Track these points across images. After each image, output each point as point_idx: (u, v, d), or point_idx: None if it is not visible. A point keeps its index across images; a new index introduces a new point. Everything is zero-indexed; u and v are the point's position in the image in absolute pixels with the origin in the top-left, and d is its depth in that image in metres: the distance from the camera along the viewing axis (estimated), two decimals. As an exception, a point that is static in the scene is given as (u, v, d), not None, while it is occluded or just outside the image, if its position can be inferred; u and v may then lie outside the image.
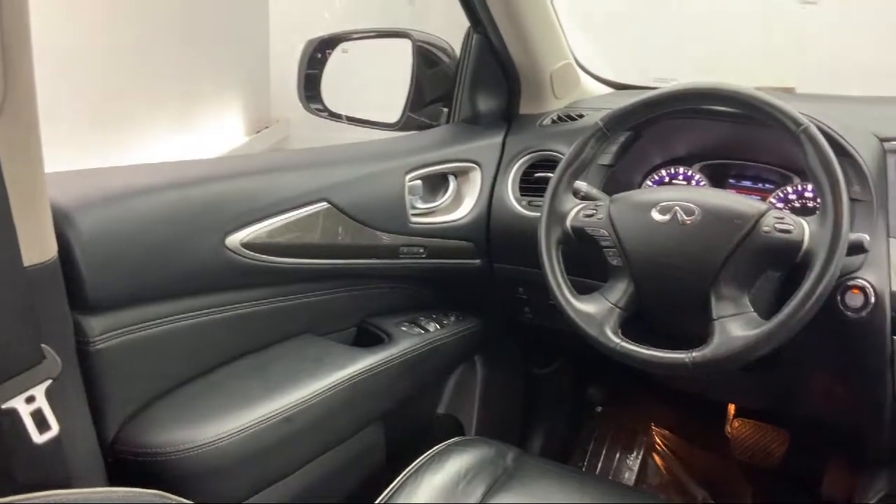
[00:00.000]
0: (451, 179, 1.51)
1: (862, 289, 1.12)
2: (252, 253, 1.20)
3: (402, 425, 1.48)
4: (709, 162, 1.47)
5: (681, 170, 1.48)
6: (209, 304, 1.18)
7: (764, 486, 1.78)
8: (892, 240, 1.15)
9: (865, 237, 1.07)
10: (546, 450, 1.87)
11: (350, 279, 1.41)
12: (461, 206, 1.51)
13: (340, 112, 1.73)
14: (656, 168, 1.51)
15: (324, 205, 1.29)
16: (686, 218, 1.12)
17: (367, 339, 1.43)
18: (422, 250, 1.45)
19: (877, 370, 1.14)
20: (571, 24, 1.67)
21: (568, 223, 1.23)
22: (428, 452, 1.22)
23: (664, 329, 1.22)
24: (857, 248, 1.07)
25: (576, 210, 1.23)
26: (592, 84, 1.75)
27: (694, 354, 1.07)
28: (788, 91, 1.69)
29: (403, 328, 1.46)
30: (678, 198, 1.15)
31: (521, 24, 1.49)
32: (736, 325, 1.06)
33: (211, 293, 1.19)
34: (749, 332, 1.04)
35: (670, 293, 1.15)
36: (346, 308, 1.44)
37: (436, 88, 1.65)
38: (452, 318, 1.56)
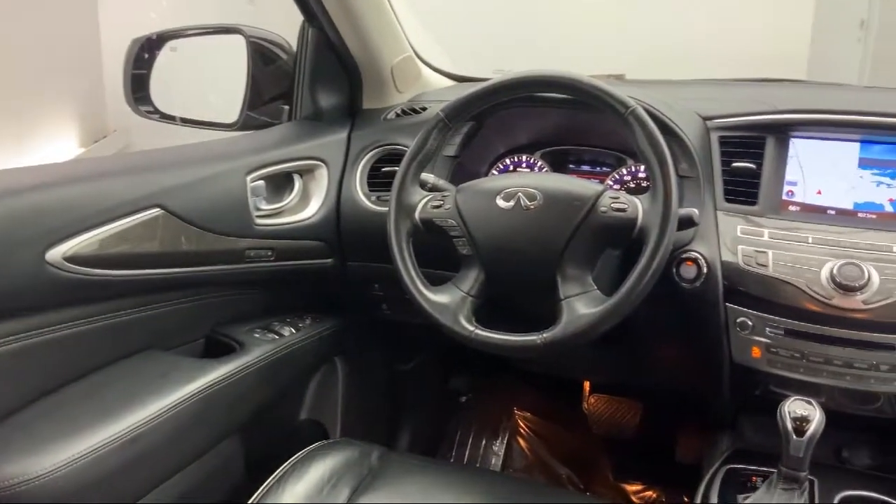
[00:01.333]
0: (297, 178, 1.47)
1: (695, 260, 1.18)
2: (78, 267, 1.11)
3: (263, 435, 1.43)
4: (550, 148, 1.52)
5: (524, 157, 1.52)
6: (33, 325, 1.09)
7: (622, 457, 1.86)
8: (719, 213, 1.22)
9: (695, 211, 1.13)
10: (414, 445, 1.87)
11: (194, 288, 1.34)
12: (308, 205, 1.47)
13: (174, 114, 1.64)
14: (501, 157, 1.54)
15: (157, 211, 1.21)
16: (529, 203, 1.14)
17: (218, 349, 1.36)
18: (270, 253, 1.40)
19: (714, 336, 1.20)
20: (411, 18, 1.66)
21: (416, 215, 1.22)
22: (290, 460, 1.18)
23: (517, 313, 1.24)
24: (687, 223, 1.13)
25: (423, 202, 1.23)
26: (435, 77, 1.76)
27: (545, 335, 1.09)
28: (619, 78, 1.76)
29: (256, 335, 1.40)
30: (520, 184, 1.17)
31: (356, 17, 1.47)
32: (581, 304, 1.10)
33: (34, 313, 1.09)
34: (594, 309, 1.08)
35: (519, 277, 1.17)
36: (192, 319, 1.37)
37: (275, 86, 1.60)
38: (308, 321, 1.52)
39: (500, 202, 1.16)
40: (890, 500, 1.09)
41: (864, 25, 8.11)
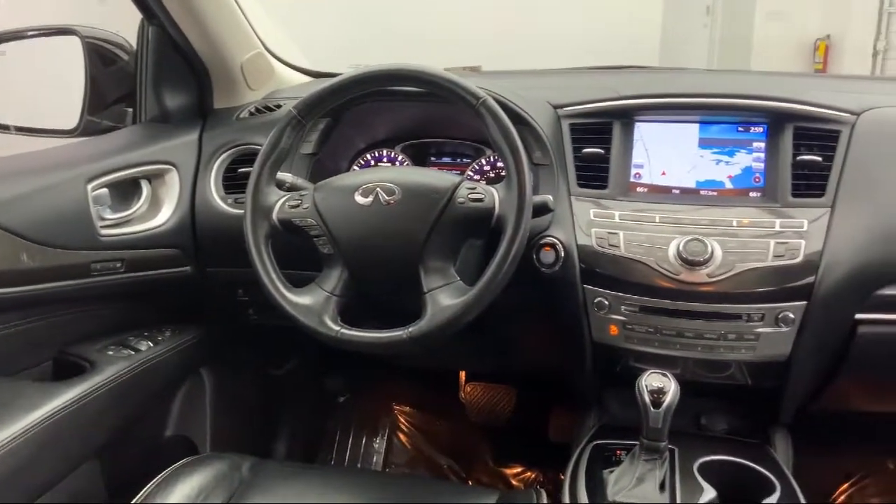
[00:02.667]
0: (144, 184, 1.39)
1: (553, 245, 1.21)
2: None
3: (126, 456, 1.36)
4: (410, 142, 1.51)
5: (385, 152, 1.51)
6: None
7: (501, 442, 1.90)
8: (573, 198, 1.26)
9: (549, 198, 1.16)
10: (292, 452, 1.82)
11: (37, 307, 1.25)
12: (160, 211, 1.39)
13: (6, 122, 1.52)
14: (361, 153, 1.52)
15: None
16: (388, 198, 1.13)
17: (67, 371, 1.27)
18: (119, 264, 1.32)
19: (574, 317, 1.24)
20: (261, 13, 1.61)
21: (274, 216, 1.19)
22: (153, 480, 1.12)
23: (384, 309, 1.23)
24: (543, 209, 1.16)
25: (281, 202, 1.19)
26: (290, 73, 1.71)
27: (411, 329, 1.09)
28: (475, 69, 1.79)
29: (109, 352, 1.32)
30: (378, 179, 1.15)
31: (198, 14, 1.40)
32: (445, 296, 1.10)
33: None
34: (457, 300, 1.09)
35: (382, 273, 1.16)
36: (36, 340, 1.27)
37: (116, 88, 1.51)
38: (168, 333, 1.45)
39: (359, 198, 1.15)
40: (743, 461, 1.15)
41: (710, 11, 8.59)
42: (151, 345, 1.38)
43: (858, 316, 1.17)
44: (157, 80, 1.48)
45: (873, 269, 1.14)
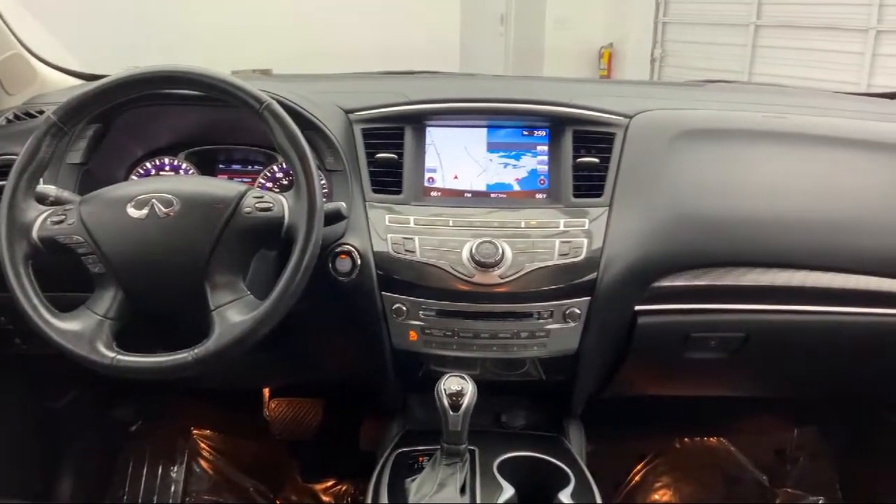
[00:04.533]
0: None
1: (348, 253, 1.18)
2: None
3: None
4: (195, 149, 1.42)
5: (166, 160, 1.41)
6: None
7: (309, 458, 1.84)
8: (368, 204, 1.23)
9: (342, 205, 1.13)
10: (78, 491, 1.66)
11: None
12: None
13: None
14: (140, 161, 1.41)
15: None
16: (165, 210, 1.05)
17: None
18: None
19: (373, 325, 1.22)
20: (20, 11, 1.45)
21: (34, 234, 1.06)
22: None
23: (167, 330, 1.15)
24: (336, 217, 1.12)
25: (42, 218, 1.07)
26: (57, 76, 1.56)
27: (196, 351, 1.01)
28: (266, 73, 1.72)
29: None
30: (154, 189, 1.07)
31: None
32: (234, 312, 1.04)
33: None
34: (247, 315, 1.03)
35: (162, 292, 1.07)
36: None
37: None
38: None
39: (132, 211, 1.05)
40: (539, 455, 1.19)
41: (504, 20, 8.97)
42: None
43: (638, 307, 1.25)
44: None
45: (648, 263, 1.21)
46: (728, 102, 1.49)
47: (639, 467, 1.84)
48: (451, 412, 1.05)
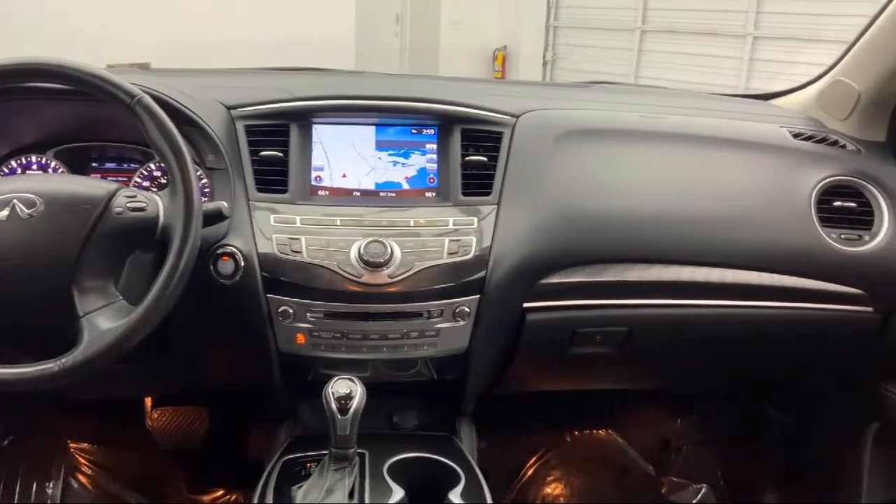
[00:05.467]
0: None
1: (231, 255, 1.14)
2: None
3: None
4: (65, 146, 1.34)
5: (33, 158, 1.32)
6: None
7: (196, 468, 1.77)
8: (252, 203, 1.19)
9: (223, 204, 1.08)
10: None
11: None
12: None
13: None
14: (3, 160, 1.32)
15: None
16: (28, 211, 0.98)
17: None
18: None
19: (259, 329, 1.18)
20: None
21: None
22: None
23: (32, 339, 1.07)
24: (216, 217, 1.08)
25: None
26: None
27: (63, 360, 0.95)
28: (144, 67, 1.64)
29: None
30: (14, 189, 1.00)
31: None
32: (105, 318, 0.98)
33: None
34: (119, 322, 0.97)
35: (25, 298, 1.00)
36: None
37: None
38: None
39: None
40: (430, 455, 1.18)
41: (400, 20, 8.97)
42: None
43: (526, 305, 1.26)
44: None
45: (535, 260, 1.22)
46: (611, 103, 1.52)
47: (531, 462, 1.86)
48: (339, 416, 1.03)
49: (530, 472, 1.86)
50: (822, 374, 1.53)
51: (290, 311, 1.17)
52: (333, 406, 1.03)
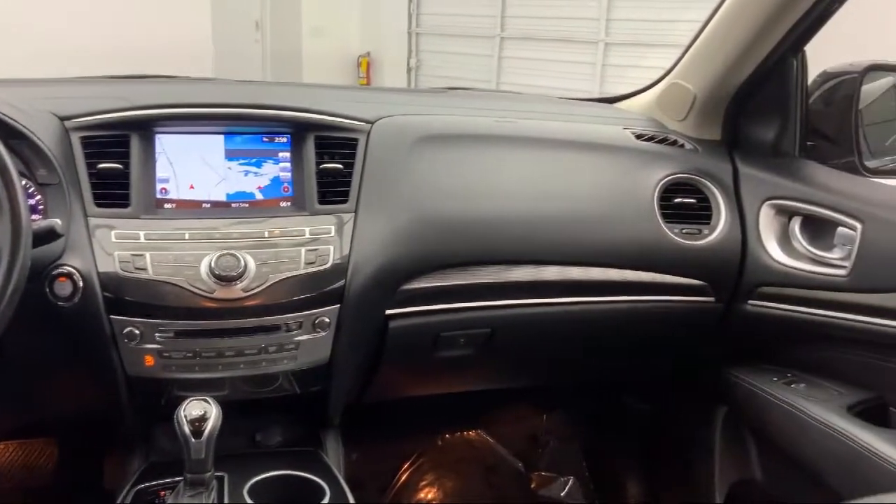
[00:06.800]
0: None
1: (69, 276, 1.06)
2: None
3: None
4: None
5: None
6: None
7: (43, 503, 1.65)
8: (90, 219, 1.12)
9: (57, 222, 1.01)
10: None
11: None
12: None
13: None
14: None
15: None
16: None
17: None
18: None
19: (102, 353, 1.11)
20: None
21: None
22: None
23: None
24: (48, 236, 1.01)
25: None
26: None
27: None
28: (-35, 76, 1.51)
29: None
30: None
31: None
32: None
33: None
34: None
35: None
36: None
37: None
38: None
39: None
40: (293, 472, 1.15)
41: (259, 27, 8.78)
42: None
43: (388, 312, 1.25)
44: None
45: (395, 266, 1.22)
46: (467, 108, 1.54)
47: (404, 468, 1.86)
48: (193, 439, 0.98)
49: (403, 478, 1.85)
50: (673, 363, 1.61)
51: (137, 332, 1.10)
52: (187, 429, 0.98)
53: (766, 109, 1.45)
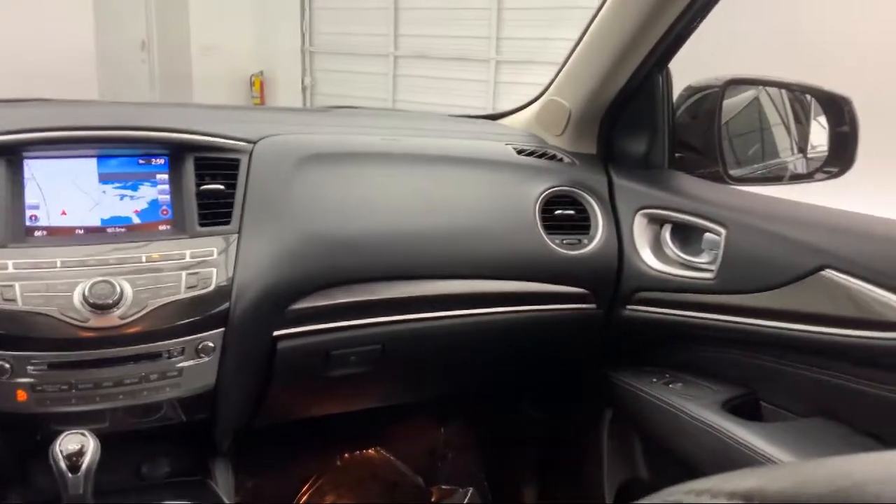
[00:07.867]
0: None
1: None
2: None
3: None
4: None
5: None
6: None
7: None
8: None
9: None
10: None
11: None
12: None
13: None
14: None
15: None
16: None
17: None
18: None
19: None
20: None
21: None
22: None
23: None
24: None
25: None
26: None
27: None
28: None
29: None
30: None
31: None
32: None
33: None
34: None
35: None
36: None
37: None
38: None
39: None
40: (181, 503, 1.12)
41: (146, 47, 8.54)
42: None
43: (276, 332, 1.24)
44: None
45: (281, 287, 1.21)
46: (353, 126, 1.55)
47: (304, 490, 1.83)
48: (69, 475, 0.95)
49: (302, 501, 1.83)
50: (560, 369, 1.66)
51: (7, 366, 1.05)
52: (63, 465, 0.95)
53: (637, 124, 1.53)
